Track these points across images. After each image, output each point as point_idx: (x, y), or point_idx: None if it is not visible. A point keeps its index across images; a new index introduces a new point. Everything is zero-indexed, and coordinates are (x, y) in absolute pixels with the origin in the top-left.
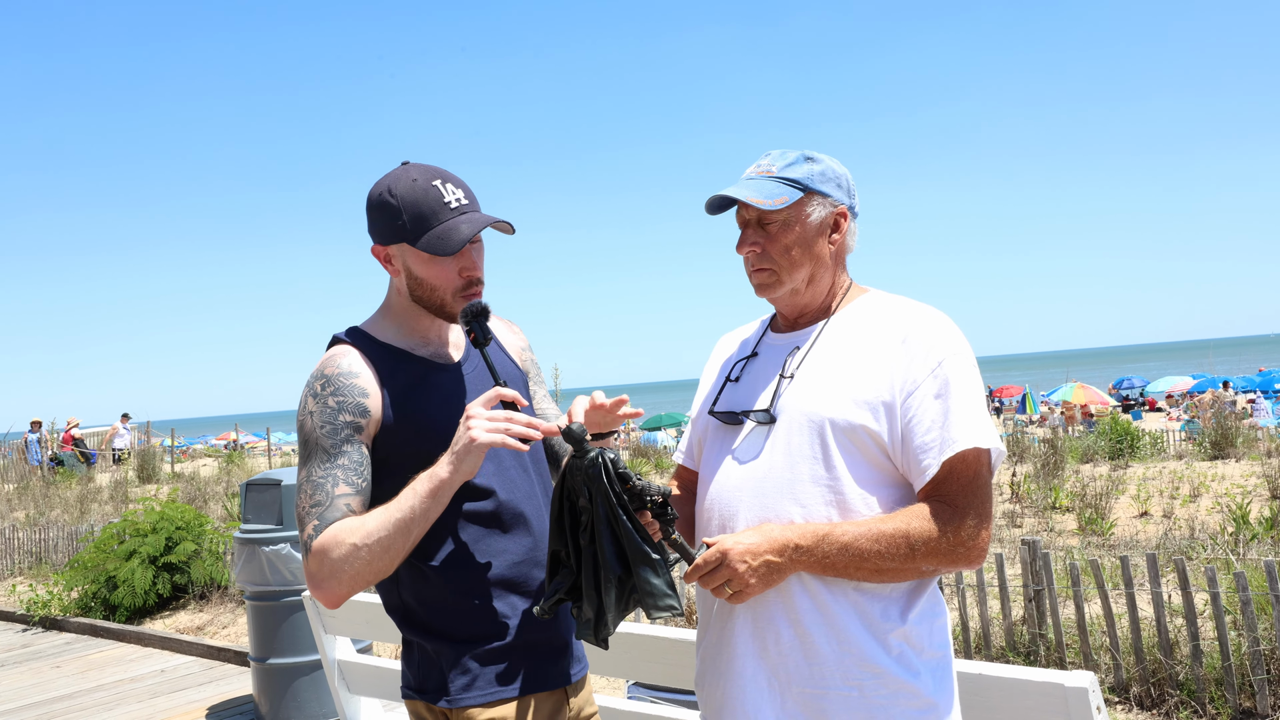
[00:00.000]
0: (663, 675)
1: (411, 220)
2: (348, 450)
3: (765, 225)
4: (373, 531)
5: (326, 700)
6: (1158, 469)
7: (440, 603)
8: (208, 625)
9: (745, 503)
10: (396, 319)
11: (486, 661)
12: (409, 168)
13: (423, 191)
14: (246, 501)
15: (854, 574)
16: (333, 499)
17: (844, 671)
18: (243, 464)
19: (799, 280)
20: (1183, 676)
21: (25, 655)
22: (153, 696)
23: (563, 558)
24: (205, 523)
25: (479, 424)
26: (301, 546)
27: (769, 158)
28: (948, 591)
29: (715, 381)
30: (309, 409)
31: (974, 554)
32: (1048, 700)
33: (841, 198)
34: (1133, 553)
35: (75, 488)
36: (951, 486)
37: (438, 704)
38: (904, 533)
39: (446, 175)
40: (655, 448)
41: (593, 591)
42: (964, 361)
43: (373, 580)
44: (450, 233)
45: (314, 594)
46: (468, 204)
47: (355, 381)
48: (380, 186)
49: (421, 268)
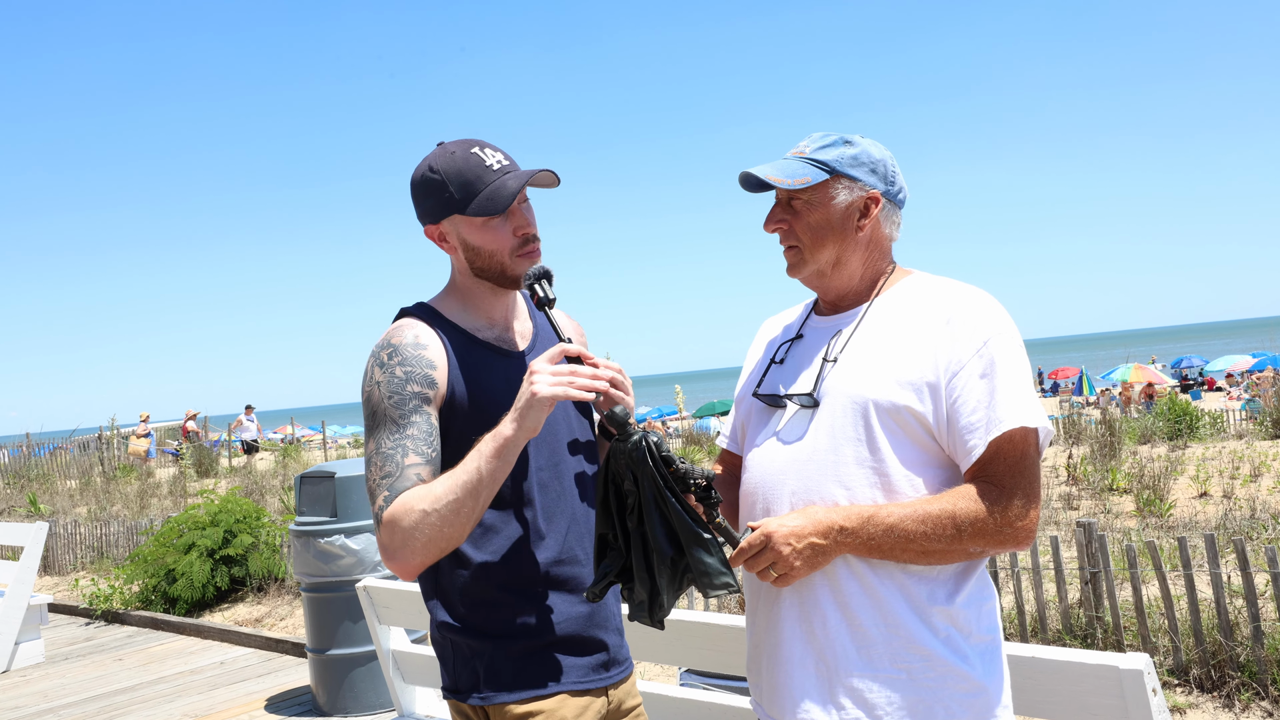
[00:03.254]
0: (714, 661)
1: (458, 189)
2: (416, 420)
3: (792, 203)
4: (441, 496)
5: (383, 690)
6: (1217, 449)
7: (480, 596)
8: (266, 617)
9: (789, 485)
10: (462, 298)
11: (522, 658)
12: (445, 144)
13: (463, 160)
14: (301, 494)
15: (900, 556)
16: (403, 469)
17: (892, 654)
18: (298, 457)
19: (823, 262)
20: (1244, 658)
21: (89, 648)
22: (212, 688)
23: (610, 541)
24: (263, 515)
25: (542, 378)
26: (374, 519)
27: (809, 139)
28: (1002, 575)
29: (759, 364)
30: (375, 379)
31: (1022, 535)
32: (1103, 683)
33: (875, 183)
34: (1191, 534)
35: (135, 483)
36: (998, 467)
37: (469, 701)
38: (950, 513)
39: (483, 142)
40: (708, 434)
41: (644, 574)
42: (1009, 341)
43: (445, 548)
44: (498, 191)
45: (389, 566)
46: (509, 164)
47: (423, 353)
48: (421, 167)
49: (476, 235)
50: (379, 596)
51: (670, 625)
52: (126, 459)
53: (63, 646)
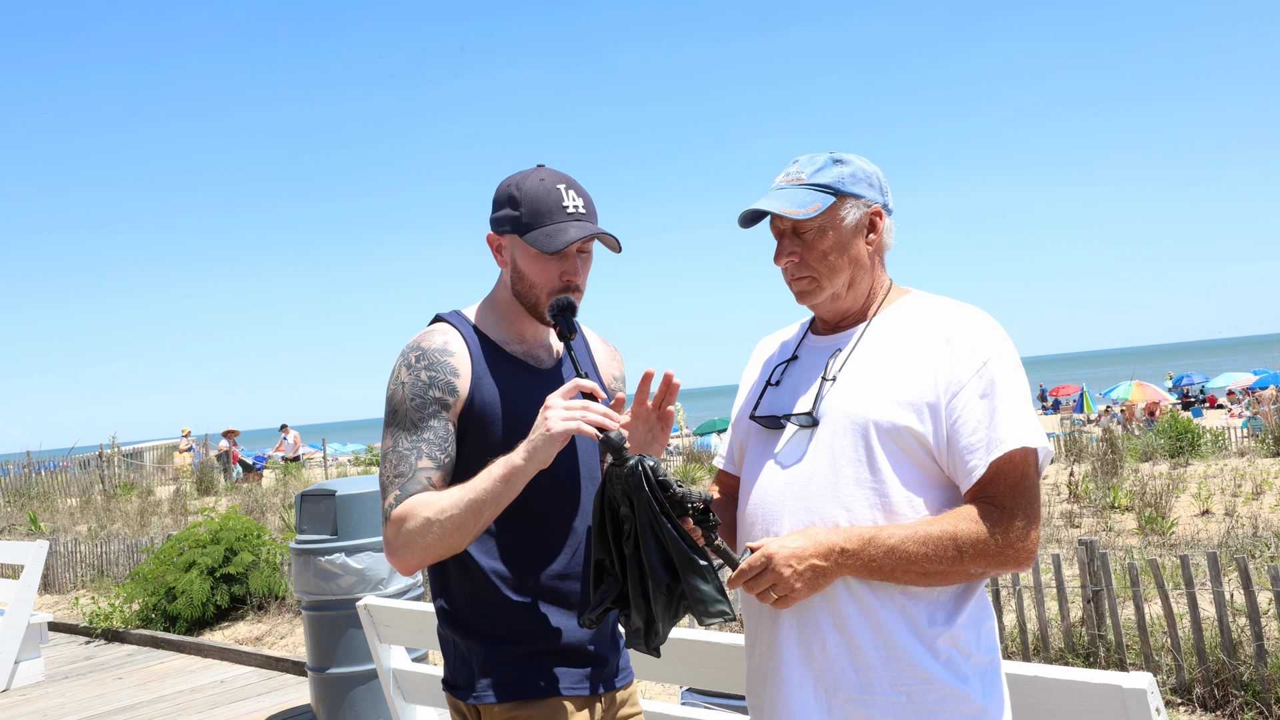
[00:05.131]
0: (715, 681)
1: (528, 214)
2: (434, 425)
3: (801, 234)
4: (446, 509)
5: (383, 709)
6: (1219, 466)
7: (483, 600)
8: (266, 635)
9: (789, 507)
10: (498, 312)
11: (518, 663)
12: (541, 169)
13: (545, 191)
14: (302, 512)
15: (901, 577)
16: (415, 471)
17: (892, 677)
18: (299, 475)
19: (839, 285)
20: (1247, 677)
21: (88, 667)
22: (213, 707)
23: (607, 566)
24: (263, 533)
25: (556, 413)
26: (382, 513)
27: (797, 164)
28: (1005, 593)
29: (755, 385)
30: (401, 379)
31: (1023, 556)
32: (1105, 702)
33: (875, 196)
34: (1193, 552)
35: (135, 501)
36: (999, 487)
37: (465, 700)
38: (951, 535)
39: (572, 182)
40: (709, 452)
41: (640, 600)
42: (1009, 361)
43: (445, 554)
44: (559, 233)
45: (390, 560)
46: (584, 213)
47: (449, 360)
48: (511, 180)
49: (526, 262)
50: (379, 615)
51: (671, 644)
52: (173, 472)
53: (63, 665)
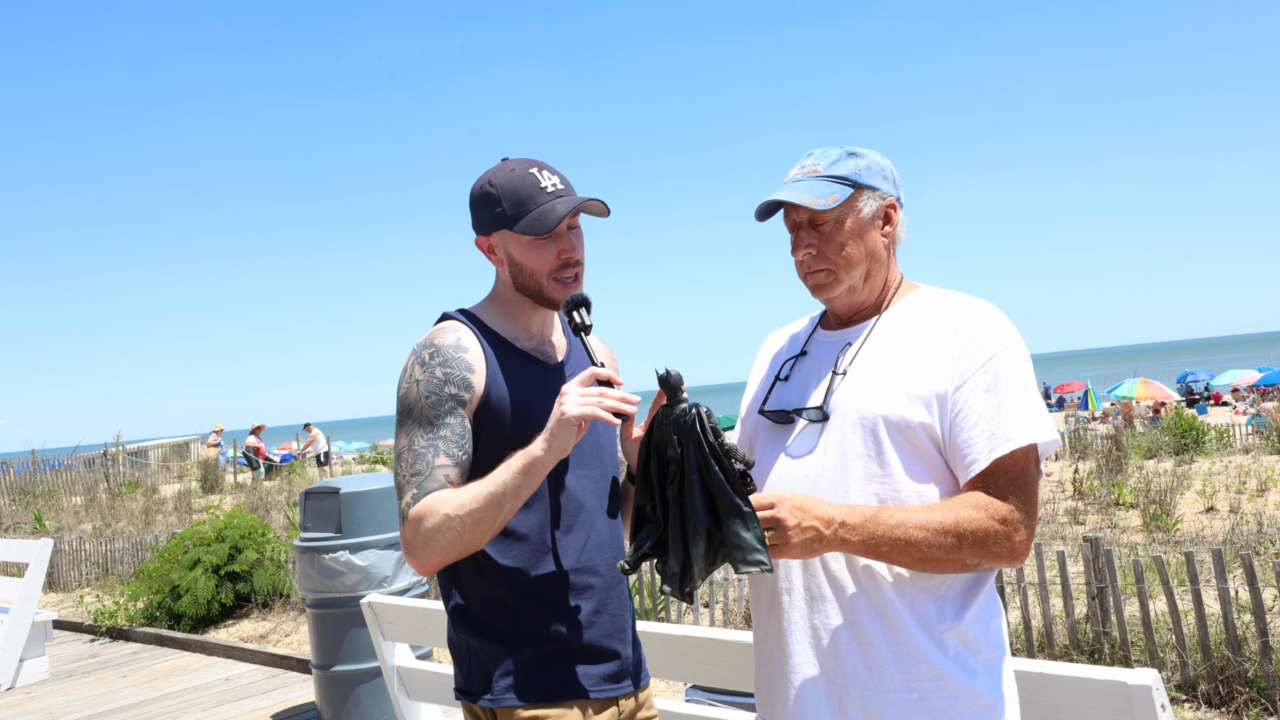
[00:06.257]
0: (721, 677)
1: (511, 205)
2: (450, 422)
3: (818, 226)
4: (465, 504)
5: (388, 707)
6: (1223, 463)
7: (497, 601)
8: (270, 633)
9: None
10: (503, 308)
11: (534, 664)
12: (507, 160)
13: (520, 179)
14: (306, 510)
15: (898, 559)
16: (432, 469)
17: (904, 674)
18: (303, 473)
19: (856, 277)
20: (1252, 673)
21: (93, 665)
22: (217, 705)
23: (648, 512)
24: (268, 531)
25: (572, 399)
26: (399, 513)
27: (812, 157)
28: (1009, 590)
29: (764, 380)
30: (415, 377)
31: (1018, 550)
32: (1111, 699)
33: (889, 189)
34: (1198, 548)
35: (140, 499)
36: (998, 481)
37: (479, 703)
38: (954, 522)
39: (542, 164)
40: None
41: (679, 545)
42: (1016, 355)
43: (464, 552)
44: (548, 212)
45: (408, 560)
46: (564, 189)
47: (464, 356)
48: (482, 180)
49: (521, 252)
50: (384, 613)
51: (676, 641)
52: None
53: (67, 663)
